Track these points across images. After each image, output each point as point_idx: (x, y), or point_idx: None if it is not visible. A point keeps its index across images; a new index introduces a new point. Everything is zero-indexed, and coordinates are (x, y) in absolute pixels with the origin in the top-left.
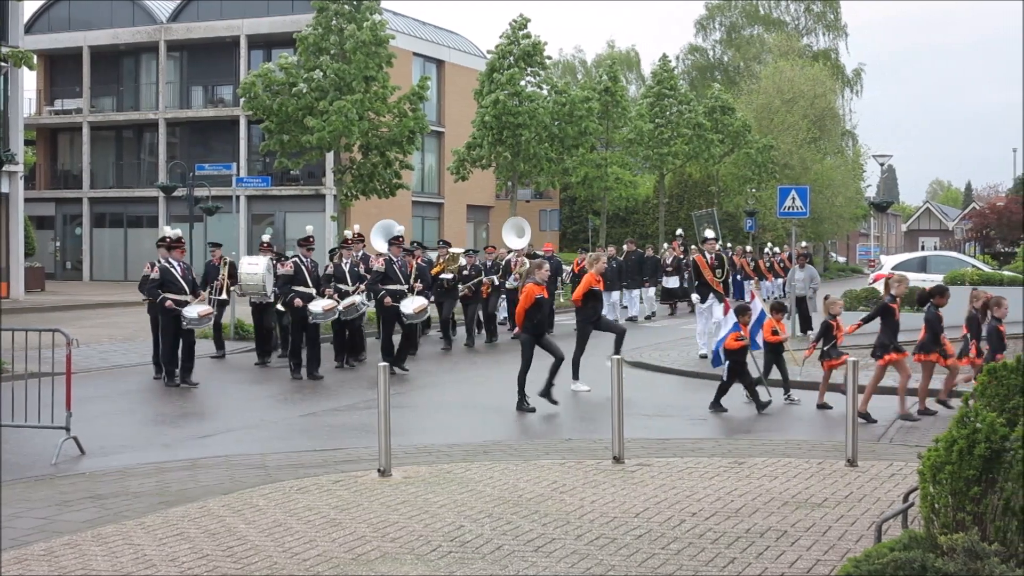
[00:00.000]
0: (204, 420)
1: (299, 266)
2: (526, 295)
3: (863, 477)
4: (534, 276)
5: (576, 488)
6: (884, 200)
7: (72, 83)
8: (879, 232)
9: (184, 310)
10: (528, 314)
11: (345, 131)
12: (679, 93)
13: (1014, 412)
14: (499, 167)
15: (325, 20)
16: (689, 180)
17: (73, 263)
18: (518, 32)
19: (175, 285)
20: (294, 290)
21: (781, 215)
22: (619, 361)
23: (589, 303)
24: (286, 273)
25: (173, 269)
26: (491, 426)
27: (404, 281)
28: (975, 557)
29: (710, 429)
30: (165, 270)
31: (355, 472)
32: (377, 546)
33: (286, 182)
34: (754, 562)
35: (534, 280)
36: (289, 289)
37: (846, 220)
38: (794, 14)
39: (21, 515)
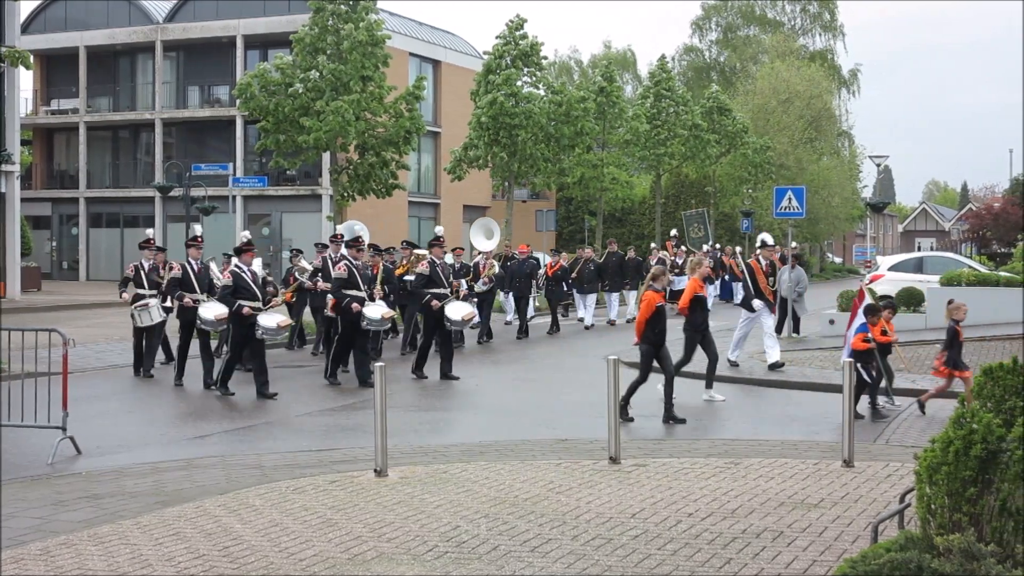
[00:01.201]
0: (200, 420)
1: (351, 269)
2: (647, 304)
3: (859, 478)
4: (653, 284)
5: (572, 488)
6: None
7: (68, 83)
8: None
9: (200, 310)
10: (649, 323)
11: (341, 131)
12: (675, 94)
13: (1011, 413)
14: (495, 167)
15: (321, 20)
16: (685, 181)
17: (69, 263)
18: (515, 33)
19: (191, 285)
20: (347, 294)
21: (777, 216)
22: (616, 361)
23: (697, 310)
24: (340, 276)
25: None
26: (488, 426)
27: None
28: (971, 558)
29: (706, 430)
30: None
31: (351, 472)
32: (373, 546)
33: (282, 182)
34: (750, 563)
35: (653, 288)
36: (343, 293)
37: (842, 221)
38: (790, 14)
39: (17, 515)
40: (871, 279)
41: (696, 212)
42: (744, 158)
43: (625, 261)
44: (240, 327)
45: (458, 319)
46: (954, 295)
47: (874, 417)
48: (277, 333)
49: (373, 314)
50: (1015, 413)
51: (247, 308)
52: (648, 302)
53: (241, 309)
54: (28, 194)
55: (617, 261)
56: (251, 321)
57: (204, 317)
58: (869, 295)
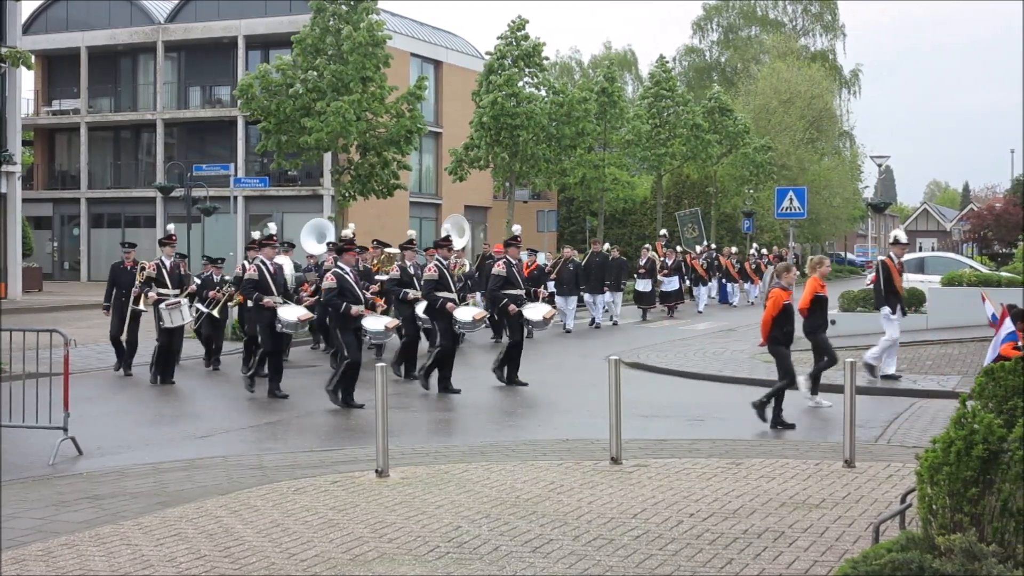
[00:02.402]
0: (201, 420)
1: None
2: (774, 302)
3: (861, 478)
4: (779, 280)
5: (574, 489)
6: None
7: (70, 83)
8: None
9: (280, 312)
10: (776, 322)
11: (343, 132)
12: (676, 94)
13: (1012, 413)
14: (497, 168)
15: (322, 21)
16: (687, 181)
17: (71, 263)
18: (516, 33)
19: (267, 287)
20: (440, 296)
21: (779, 216)
22: (617, 362)
23: (817, 310)
24: (431, 278)
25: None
26: (489, 427)
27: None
28: (973, 558)
29: (707, 430)
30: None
31: (352, 473)
32: (375, 547)
33: (284, 183)
34: (752, 563)
35: (780, 285)
36: (435, 296)
37: (843, 221)
38: (792, 15)
39: (19, 515)
40: (871, 280)
41: (690, 212)
42: (745, 158)
43: (608, 262)
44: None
45: (539, 319)
46: (955, 295)
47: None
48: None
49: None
50: (1016, 413)
51: (268, 301)
52: (775, 300)
53: (261, 301)
54: (29, 194)
55: (600, 262)
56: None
57: (286, 319)
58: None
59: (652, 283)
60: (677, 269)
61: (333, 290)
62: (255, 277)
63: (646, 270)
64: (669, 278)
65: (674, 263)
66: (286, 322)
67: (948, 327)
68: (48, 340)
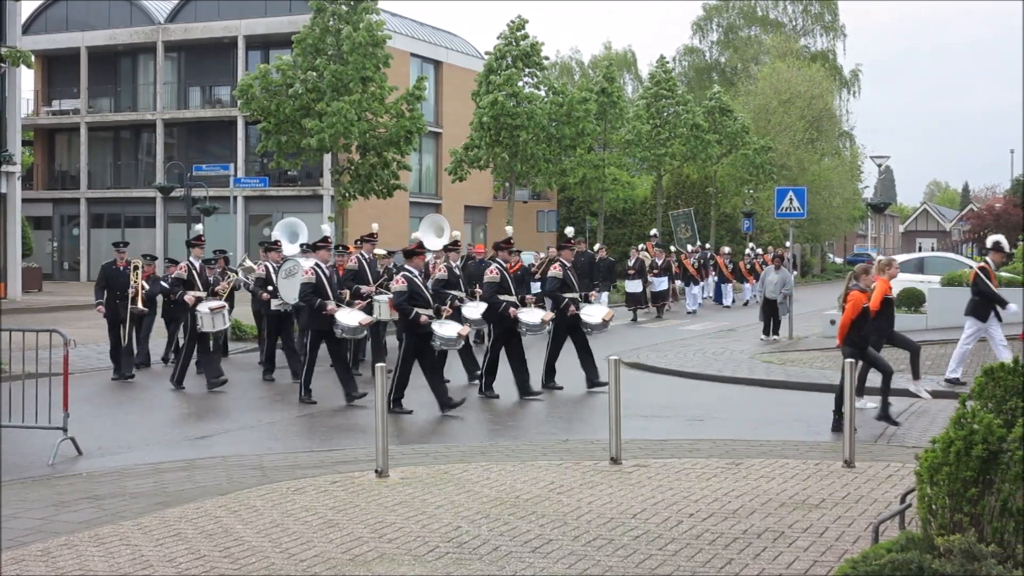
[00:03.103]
0: (201, 421)
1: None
2: (853, 304)
3: (860, 478)
4: (857, 282)
5: (573, 489)
6: (881, 201)
7: (70, 83)
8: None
9: (340, 317)
10: (854, 325)
11: (344, 132)
12: (676, 94)
13: (1012, 413)
14: (497, 168)
15: (322, 21)
16: (687, 181)
17: (70, 263)
18: (516, 33)
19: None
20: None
21: (779, 216)
22: (616, 362)
23: (886, 311)
24: (493, 280)
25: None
26: (488, 427)
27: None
28: (972, 558)
29: (707, 430)
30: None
31: (352, 473)
32: (374, 547)
33: (283, 183)
34: (751, 563)
35: (858, 287)
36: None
37: (843, 221)
38: (792, 15)
39: (18, 515)
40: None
41: (683, 212)
42: (745, 158)
43: (596, 262)
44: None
45: (598, 322)
46: (954, 296)
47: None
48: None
49: (349, 321)
50: (1016, 413)
51: (331, 307)
52: (854, 303)
53: (324, 308)
54: (29, 194)
55: (586, 262)
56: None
57: (346, 324)
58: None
59: (642, 283)
60: (667, 269)
61: (309, 285)
62: (312, 280)
63: (636, 271)
64: (659, 278)
65: (664, 263)
66: (345, 327)
67: (948, 327)
68: (48, 340)
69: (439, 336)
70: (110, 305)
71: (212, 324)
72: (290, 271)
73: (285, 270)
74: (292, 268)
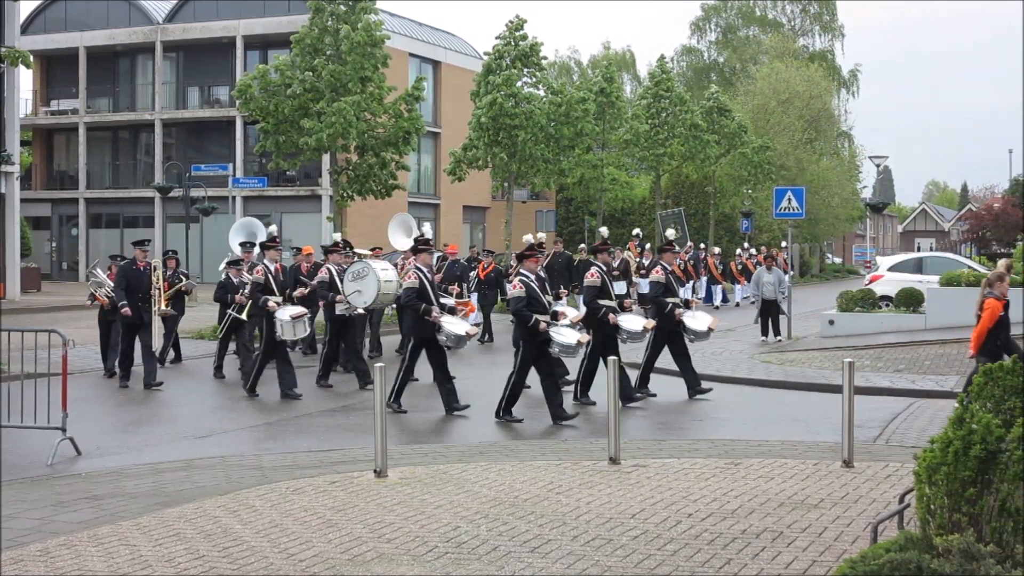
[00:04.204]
0: (200, 421)
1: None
2: (990, 312)
3: (859, 478)
4: (993, 290)
5: (572, 489)
6: (880, 201)
7: (68, 84)
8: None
9: (446, 324)
10: (991, 334)
11: (342, 132)
12: (675, 94)
13: (1010, 413)
14: (495, 168)
15: (321, 21)
16: (685, 181)
17: (69, 263)
18: (515, 33)
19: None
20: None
21: (777, 216)
22: (615, 362)
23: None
24: (593, 284)
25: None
26: (487, 427)
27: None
28: (971, 558)
29: (706, 430)
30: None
31: (351, 473)
32: (373, 547)
33: (282, 183)
34: (750, 563)
35: (994, 295)
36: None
37: (842, 221)
38: (790, 15)
39: (17, 515)
40: (871, 279)
41: (672, 212)
42: (744, 158)
43: (574, 264)
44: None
45: (703, 329)
46: (953, 296)
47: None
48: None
49: (455, 329)
50: (1014, 413)
51: (435, 314)
52: (991, 311)
53: (429, 314)
54: (28, 195)
55: (564, 263)
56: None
57: (452, 332)
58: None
59: (627, 285)
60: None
61: (413, 290)
62: (416, 285)
63: (620, 272)
64: (645, 279)
65: (651, 263)
66: (449, 334)
67: (946, 327)
68: (47, 340)
69: (558, 343)
70: (131, 308)
71: (293, 332)
72: (358, 273)
73: (353, 272)
74: (362, 270)
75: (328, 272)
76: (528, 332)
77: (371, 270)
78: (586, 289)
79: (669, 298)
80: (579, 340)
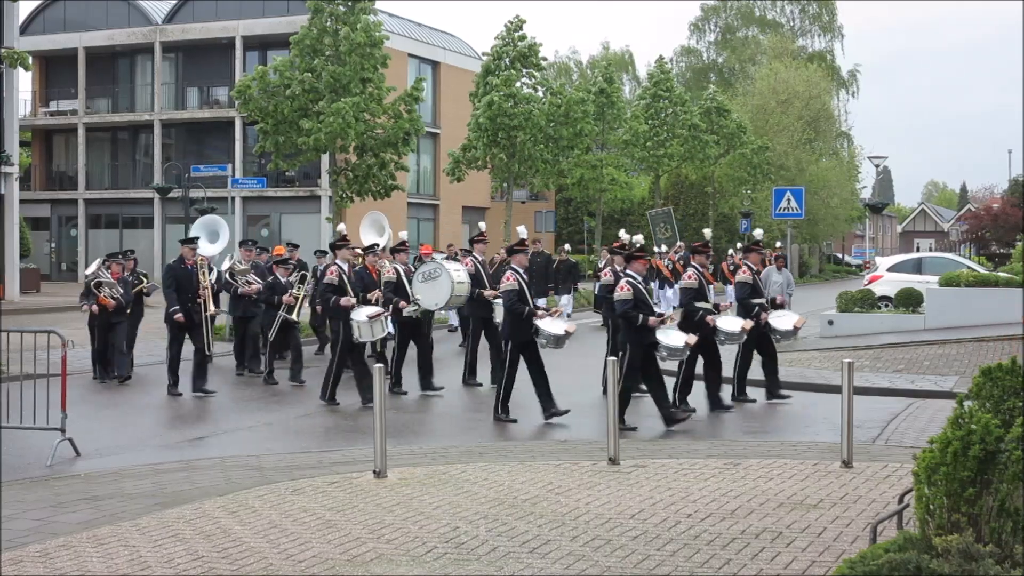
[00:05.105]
0: (199, 422)
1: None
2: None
3: (858, 478)
4: None
5: (571, 489)
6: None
7: (67, 84)
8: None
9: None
10: None
11: (341, 133)
12: (674, 95)
13: (1009, 413)
14: (495, 169)
15: (320, 22)
16: (685, 181)
17: (68, 264)
18: (513, 34)
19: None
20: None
21: (776, 216)
22: (615, 362)
23: None
24: (692, 286)
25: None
26: (486, 428)
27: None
28: (970, 558)
29: (705, 431)
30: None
31: (350, 473)
32: (372, 547)
33: (281, 184)
34: (749, 563)
35: None
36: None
37: (841, 221)
38: (789, 15)
39: (16, 516)
40: (870, 280)
41: (663, 211)
42: (743, 159)
43: (553, 264)
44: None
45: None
46: (953, 296)
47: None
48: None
49: (553, 329)
50: (1014, 413)
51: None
52: None
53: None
54: (27, 195)
55: (543, 263)
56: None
57: (550, 332)
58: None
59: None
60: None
61: (514, 292)
62: (516, 288)
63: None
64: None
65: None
66: (548, 335)
67: (946, 327)
68: (46, 341)
69: (665, 346)
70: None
71: (371, 333)
72: (430, 274)
73: (423, 273)
74: (433, 271)
75: (395, 273)
76: (636, 334)
77: (444, 271)
78: (683, 291)
79: (755, 299)
80: (686, 342)
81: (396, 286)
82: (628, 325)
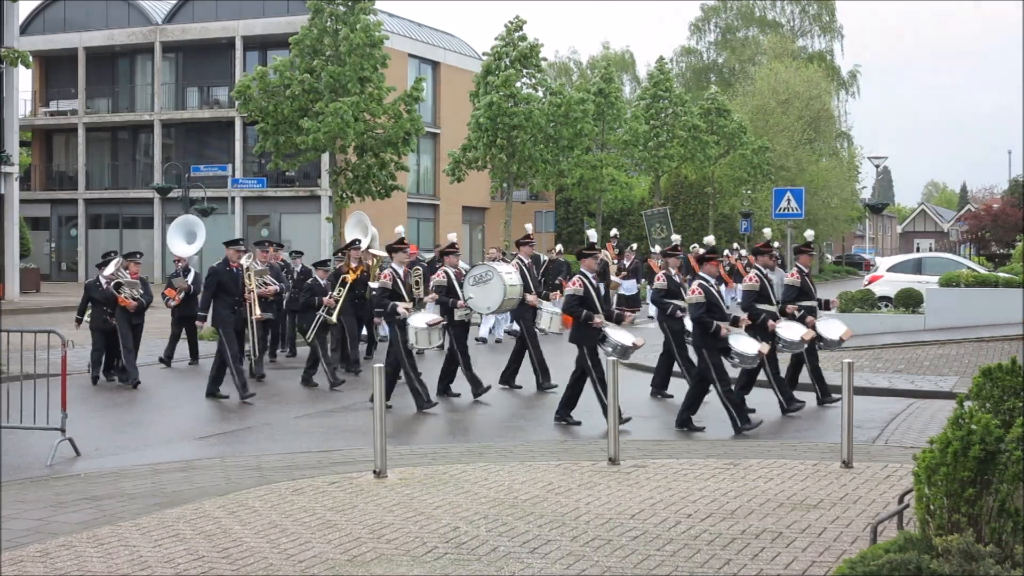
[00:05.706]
0: (199, 422)
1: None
2: None
3: (858, 479)
4: None
5: (572, 489)
6: (879, 202)
7: (67, 84)
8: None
9: (611, 333)
10: None
11: (340, 133)
12: (674, 95)
13: (1009, 413)
14: (494, 169)
15: (320, 22)
16: (685, 182)
17: (68, 264)
18: (513, 34)
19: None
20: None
21: (776, 216)
22: (614, 362)
23: None
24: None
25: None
26: (487, 428)
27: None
28: (970, 559)
29: (705, 431)
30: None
31: (351, 473)
32: (373, 547)
33: (281, 184)
34: (749, 563)
35: None
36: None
37: (841, 222)
38: (789, 15)
39: (17, 516)
40: (870, 280)
41: (658, 211)
42: (743, 159)
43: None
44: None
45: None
46: (953, 296)
47: None
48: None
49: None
50: (1014, 414)
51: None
52: None
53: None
54: (27, 195)
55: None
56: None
57: (618, 341)
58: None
59: (605, 287)
60: (635, 271)
61: (576, 298)
62: (580, 293)
63: (599, 272)
64: (627, 281)
65: (632, 264)
66: (616, 344)
67: (946, 327)
68: (46, 341)
69: (737, 352)
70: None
71: (428, 340)
72: (481, 277)
73: (475, 276)
74: (485, 274)
75: (446, 276)
76: (711, 339)
77: (496, 274)
78: (745, 293)
79: (805, 302)
80: (759, 350)
81: (448, 289)
82: (702, 330)
